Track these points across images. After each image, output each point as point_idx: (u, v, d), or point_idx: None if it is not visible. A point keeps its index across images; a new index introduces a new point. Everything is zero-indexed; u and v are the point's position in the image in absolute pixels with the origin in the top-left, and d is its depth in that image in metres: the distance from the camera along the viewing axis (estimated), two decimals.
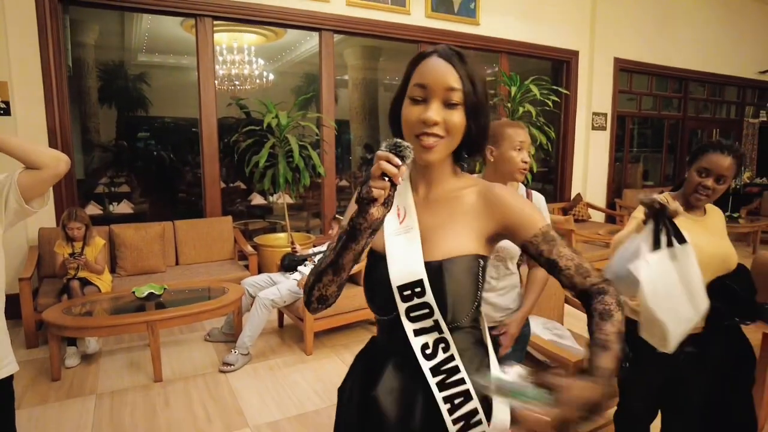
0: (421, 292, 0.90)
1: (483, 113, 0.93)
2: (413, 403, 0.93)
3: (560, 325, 2.48)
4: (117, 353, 3.41)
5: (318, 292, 0.93)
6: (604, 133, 7.13)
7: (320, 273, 0.92)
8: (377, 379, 0.95)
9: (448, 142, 0.91)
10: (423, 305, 0.91)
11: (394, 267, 0.92)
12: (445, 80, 0.89)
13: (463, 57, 0.92)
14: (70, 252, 3.48)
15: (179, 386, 2.95)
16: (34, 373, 3.08)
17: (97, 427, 2.51)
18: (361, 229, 0.84)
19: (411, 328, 0.92)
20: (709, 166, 1.67)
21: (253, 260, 4.30)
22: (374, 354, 1.04)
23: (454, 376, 0.92)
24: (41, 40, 3.95)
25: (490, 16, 5.90)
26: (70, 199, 4.21)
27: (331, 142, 5.24)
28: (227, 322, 3.57)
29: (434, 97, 0.89)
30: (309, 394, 2.85)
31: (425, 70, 0.91)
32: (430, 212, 0.96)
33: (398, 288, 0.91)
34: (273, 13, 4.77)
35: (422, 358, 0.92)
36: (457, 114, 0.89)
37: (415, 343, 0.92)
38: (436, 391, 0.91)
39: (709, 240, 1.72)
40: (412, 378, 0.93)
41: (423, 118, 0.88)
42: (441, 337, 0.92)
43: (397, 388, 0.94)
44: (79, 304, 3.23)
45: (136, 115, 10.10)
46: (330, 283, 0.92)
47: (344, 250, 0.87)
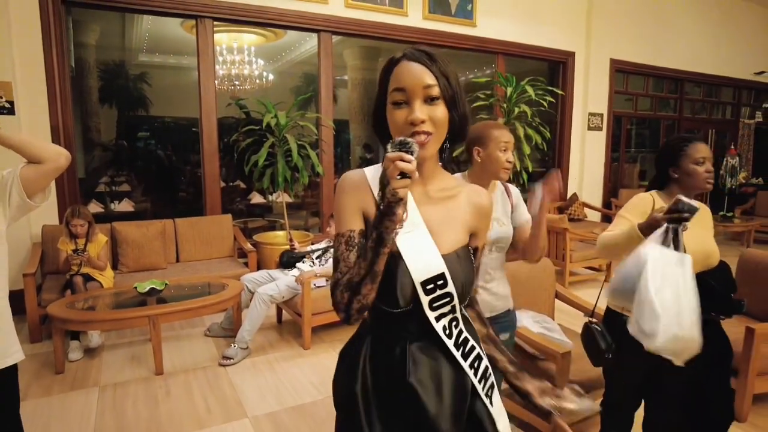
0: (444, 284, 0.98)
1: (460, 102, 1.00)
2: (441, 380, 1.02)
3: (550, 319, 2.55)
4: (119, 347, 3.49)
5: (358, 304, 0.95)
6: (600, 133, 7.21)
7: (357, 286, 0.94)
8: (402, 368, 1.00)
9: (437, 136, 0.97)
10: (445, 295, 0.99)
11: (414, 264, 0.97)
12: (421, 79, 0.94)
13: (431, 55, 0.97)
14: (74, 248, 3.56)
15: (180, 379, 3.02)
16: (38, 366, 3.16)
17: (100, 417, 2.59)
18: (389, 232, 0.90)
19: (432, 316, 1.00)
20: (704, 154, 1.78)
21: (252, 257, 4.38)
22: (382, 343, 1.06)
23: (467, 345, 1.05)
24: (45, 41, 4.02)
25: (486, 18, 5.98)
26: (73, 197, 4.29)
27: (329, 141, 5.32)
28: (227, 317, 3.65)
29: (415, 98, 0.95)
30: (307, 387, 2.92)
31: (400, 74, 0.96)
32: (433, 207, 1.03)
33: (421, 284, 0.97)
34: (273, 15, 4.84)
35: (446, 338, 1.02)
36: (439, 108, 0.96)
37: (438, 327, 1.01)
38: (462, 362, 1.03)
39: (698, 237, 1.78)
40: (433, 356, 1.03)
41: (410, 119, 0.94)
42: (454, 317, 1.04)
43: (427, 371, 1.01)
44: (83, 299, 3.31)
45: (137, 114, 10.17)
46: (370, 291, 0.95)
47: (377, 257, 0.91)
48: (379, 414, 1.02)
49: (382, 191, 0.88)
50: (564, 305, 2.93)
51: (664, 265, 1.48)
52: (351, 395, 1.05)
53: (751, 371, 2.46)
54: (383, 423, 1.01)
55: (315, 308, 3.44)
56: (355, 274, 0.94)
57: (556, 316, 2.86)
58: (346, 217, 1.02)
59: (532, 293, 2.71)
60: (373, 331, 1.08)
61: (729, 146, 8.96)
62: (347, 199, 1.03)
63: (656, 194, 1.87)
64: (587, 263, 5.06)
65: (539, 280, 2.77)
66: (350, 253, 0.99)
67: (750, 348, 2.44)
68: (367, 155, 9.57)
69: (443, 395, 1.00)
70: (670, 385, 1.88)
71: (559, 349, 2.18)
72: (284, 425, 2.53)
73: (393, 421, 1.01)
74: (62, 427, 2.49)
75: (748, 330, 2.45)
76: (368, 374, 1.05)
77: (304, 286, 3.34)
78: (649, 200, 1.82)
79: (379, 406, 1.03)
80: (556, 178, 1.63)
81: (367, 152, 9.63)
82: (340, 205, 1.03)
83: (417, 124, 0.94)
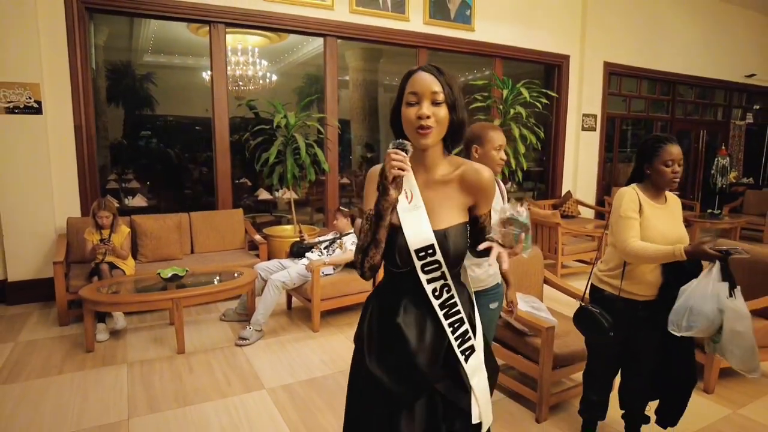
0: (433, 253, 1.25)
1: (460, 108, 1.26)
2: (425, 327, 1.28)
3: (538, 300, 2.82)
4: (141, 330, 3.76)
5: (368, 263, 1.26)
6: (594, 133, 7.48)
7: (365, 250, 1.26)
8: (396, 312, 1.29)
9: (438, 130, 1.23)
10: (434, 262, 1.26)
11: (411, 236, 1.25)
12: (430, 86, 1.22)
13: (440, 70, 1.25)
14: (99, 238, 3.83)
15: (200, 357, 3.30)
16: (70, 346, 3.43)
17: (131, 388, 2.86)
18: (385, 209, 1.21)
19: (424, 278, 1.27)
20: (672, 157, 2.04)
21: (263, 248, 4.65)
22: (387, 295, 1.36)
23: (453, 309, 1.30)
24: (69, 45, 4.30)
25: (484, 23, 6.26)
26: (94, 193, 4.55)
27: (334, 140, 5.59)
28: (241, 303, 3.93)
29: (424, 99, 1.22)
30: (317, 363, 3.20)
31: (415, 81, 1.24)
32: (432, 192, 1.28)
33: (415, 251, 1.25)
34: (282, 21, 5.11)
35: (433, 298, 1.28)
36: (442, 109, 1.22)
37: (428, 288, 1.27)
38: (443, 320, 1.28)
39: (670, 224, 2.07)
40: (422, 311, 1.29)
41: (419, 113, 1.21)
42: (445, 283, 1.28)
43: (413, 318, 1.28)
44: (107, 285, 3.58)
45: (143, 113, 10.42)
46: (375, 254, 1.26)
47: (378, 228, 1.23)
48: (376, 347, 1.33)
49: (380, 176, 1.19)
50: (553, 293, 3.21)
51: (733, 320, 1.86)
52: (360, 333, 1.38)
53: None
54: (378, 353, 1.32)
55: (324, 294, 3.72)
56: (364, 240, 1.26)
57: (544, 301, 3.13)
58: (369, 199, 1.30)
59: (520, 278, 2.99)
60: (383, 285, 1.38)
61: (720, 147, 9.25)
62: (371, 185, 1.31)
63: (637, 187, 2.11)
64: (578, 256, 5.34)
65: (527, 265, 3.04)
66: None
67: None
68: (368, 154, 9.80)
69: (425, 337, 1.27)
70: (643, 354, 2.15)
71: (544, 324, 2.45)
72: (298, 395, 2.80)
73: (385, 353, 1.31)
74: (99, 396, 2.76)
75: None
76: (374, 318, 1.36)
77: (314, 274, 3.61)
78: (635, 194, 2.08)
79: (378, 340, 1.33)
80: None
81: (368, 151, 9.86)
82: (367, 190, 1.34)
83: (423, 118, 1.21)
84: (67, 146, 4.40)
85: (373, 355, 1.32)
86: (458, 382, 1.29)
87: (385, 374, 1.28)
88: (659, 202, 2.10)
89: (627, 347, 2.17)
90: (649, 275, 2.06)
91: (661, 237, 2.01)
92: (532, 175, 8.39)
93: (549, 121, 7.15)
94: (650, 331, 2.09)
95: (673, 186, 2.09)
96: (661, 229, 2.04)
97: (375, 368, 1.29)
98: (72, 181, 4.46)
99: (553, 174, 7.42)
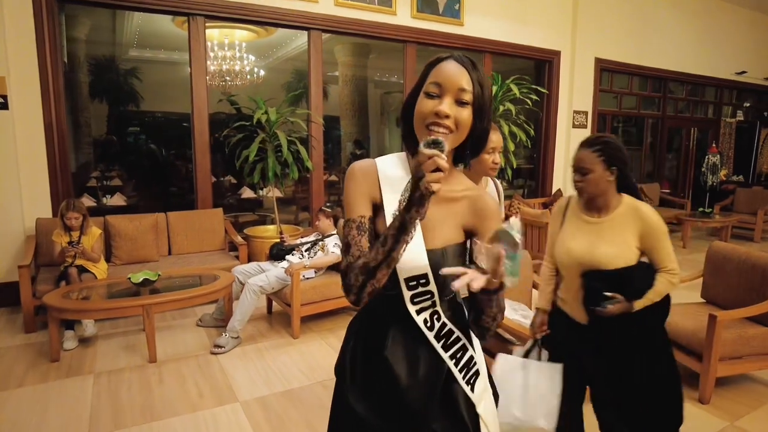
0: (426, 283, 1.05)
1: (486, 115, 1.05)
2: (417, 358, 1.09)
3: (527, 308, 2.69)
4: (112, 337, 3.58)
5: (371, 287, 0.99)
6: (585, 131, 7.37)
7: (373, 270, 0.97)
8: (382, 343, 1.09)
9: (455, 137, 1.01)
10: (425, 292, 1.06)
11: (402, 262, 1.00)
12: (458, 81, 1.00)
13: (475, 64, 1.03)
14: (68, 241, 3.64)
15: (172, 366, 3.13)
16: (34, 355, 3.24)
17: (96, 401, 2.69)
18: (412, 221, 0.92)
19: (413, 309, 1.07)
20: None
21: (243, 250, 4.48)
22: (372, 321, 1.16)
23: (451, 337, 1.11)
24: (38, 37, 4.08)
25: (474, 17, 6.11)
26: (66, 192, 4.35)
27: (319, 137, 5.43)
28: (218, 308, 3.76)
29: (447, 94, 1.00)
30: (295, 373, 3.04)
31: (442, 70, 1.01)
32: (434, 207, 1.02)
33: (405, 280, 1.04)
34: (263, 13, 4.93)
35: (426, 330, 1.08)
36: (466, 112, 1.00)
37: (418, 320, 1.08)
38: (443, 353, 1.10)
39: (586, 241, 1.75)
40: (413, 339, 1.10)
41: (436, 110, 0.98)
42: (435, 310, 1.10)
43: (402, 349, 1.09)
44: (77, 290, 3.40)
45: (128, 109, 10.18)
46: (384, 276, 0.99)
47: (397, 244, 0.95)
48: (359, 383, 1.14)
49: (415, 183, 0.89)
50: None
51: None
52: (341, 365, 1.19)
53: (713, 356, 2.62)
54: (362, 391, 1.12)
55: (304, 299, 3.56)
56: (372, 259, 0.97)
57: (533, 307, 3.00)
58: (358, 203, 1.07)
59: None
60: (367, 309, 1.16)
61: (711, 144, 9.19)
62: (358, 186, 1.08)
63: (573, 196, 1.88)
64: None
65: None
66: (362, 238, 1.04)
67: (712, 334, 2.59)
68: (357, 151, 9.65)
69: (418, 372, 1.08)
70: (597, 382, 1.86)
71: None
72: (273, 409, 2.64)
73: (370, 390, 1.12)
74: (60, 411, 2.59)
75: (711, 317, 2.61)
76: (357, 347, 1.16)
77: (294, 278, 3.46)
78: (563, 203, 1.91)
79: (361, 376, 1.14)
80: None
81: (357, 148, 9.71)
82: (352, 192, 1.09)
83: (441, 116, 0.98)
84: (37, 143, 4.20)
85: (357, 390, 1.13)
86: (459, 423, 1.10)
87: (372, 412, 1.10)
88: (593, 215, 1.78)
89: (580, 373, 1.86)
90: (566, 293, 1.85)
91: (566, 255, 1.78)
92: (522, 172, 8.29)
93: (539, 118, 7.03)
94: (595, 358, 1.80)
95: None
96: (569, 245, 1.78)
97: (358, 405, 1.11)
98: (42, 180, 4.26)
99: (543, 172, 7.31)
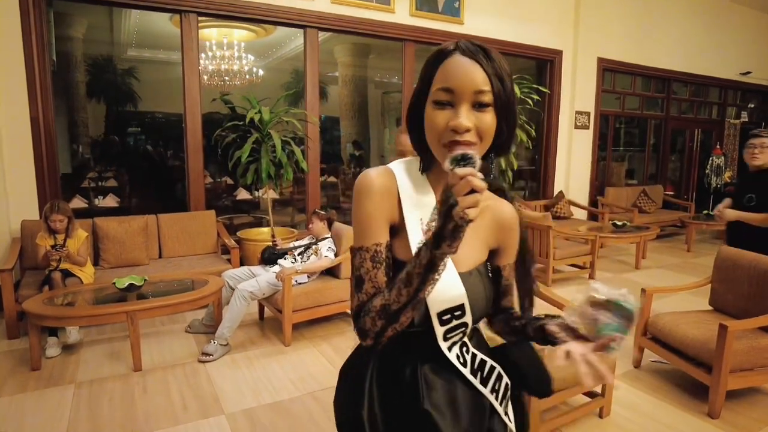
0: (461, 314, 0.89)
1: (513, 111, 0.86)
2: (457, 400, 0.94)
3: None
4: (98, 344, 3.46)
5: (392, 331, 0.85)
6: (587, 131, 7.24)
7: (395, 314, 0.82)
8: (413, 394, 0.92)
9: (480, 148, 0.84)
10: (461, 325, 0.90)
11: (433, 293, 0.84)
12: (473, 82, 0.81)
13: (488, 52, 0.83)
14: (53, 244, 3.52)
15: (158, 375, 3.00)
16: (14, 363, 3.12)
17: (74, 414, 2.56)
18: (442, 257, 0.77)
19: (445, 346, 0.91)
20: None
21: (234, 254, 4.36)
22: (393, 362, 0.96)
23: (485, 368, 0.96)
24: (24, 34, 3.97)
25: (474, 15, 5.98)
26: (54, 192, 4.23)
27: (315, 138, 5.30)
28: (208, 313, 3.63)
29: (462, 101, 0.81)
30: (285, 384, 2.91)
31: (450, 71, 0.82)
32: None
33: (438, 314, 0.88)
34: (258, 10, 4.81)
35: (460, 367, 0.93)
36: (488, 116, 0.82)
37: (452, 357, 0.92)
38: (482, 388, 0.95)
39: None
40: (448, 379, 0.93)
41: (453, 125, 0.80)
42: (463, 342, 0.95)
43: (440, 396, 0.92)
44: (61, 295, 3.27)
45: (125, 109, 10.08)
46: (408, 319, 0.84)
47: (425, 284, 0.79)
48: None
49: (447, 211, 0.73)
50: (542, 304, 2.94)
51: None
52: (357, 421, 0.95)
53: (724, 368, 2.49)
54: None
55: (296, 305, 3.43)
56: (393, 301, 0.82)
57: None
58: (376, 228, 0.87)
59: None
60: (381, 349, 0.93)
61: (715, 146, 9.05)
62: (376, 205, 0.88)
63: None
64: (571, 261, 5.08)
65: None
66: (378, 271, 0.86)
67: (723, 345, 2.46)
68: (357, 152, 9.55)
69: (460, 419, 0.93)
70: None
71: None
72: (260, 422, 2.51)
73: None
74: (36, 424, 2.46)
75: (721, 327, 2.47)
76: (375, 397, 0.95)
77: (285, 283, 3.33)
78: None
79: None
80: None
81: (356, 149, 9.61)
82: (367, 213, 0.88)
83: (461, 132, 0.80)
84: (24, 143, 4.08)
85: None
86: None
87: None
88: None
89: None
90: None
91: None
92: (523, 173, 8.15)
93: (541, 119, 6.89)
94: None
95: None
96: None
97: None
98: (29, 180, 4.14)
99: (545, 173, 7.17)
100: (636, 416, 2.60)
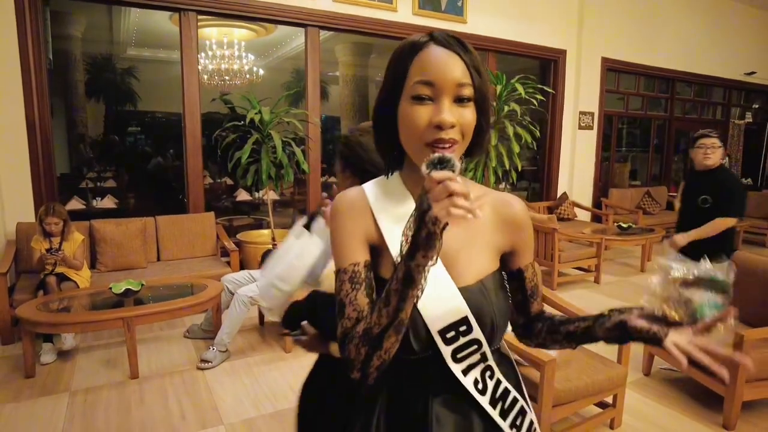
0: (468, 330, 0.81)
1: (488, 106, 0.81)
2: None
3: None
4: (94, 350, 3.38)
5: (379, 360, 0.76)
6: (591, 132, 7.16)
7: (377, 339, 0.74)
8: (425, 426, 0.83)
9: (461, 147, 0.79)
10: (470, 342, 0.81)
11: (429, 308, 0.79)
12: (453, 74, 0.75)
13: (464, 44, 0.79)
14: (48, 247, 3.44)
15: (155, 383, 2.92)
16: (8, 370, 3.05)
17: (68, 424, 2.48)
18: (420, 270, 0.69)
19: (459, 369, 0.82)
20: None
21: (234, 257, 4.27)
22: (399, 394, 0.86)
23: (507, 399, 0.87)
24: (20, 33, 3.88)
25: (477, 15, 5.90)
26: (50, 194, 4.15)
27: (316, 139, 5.22)
28: (207, 318, 3.55)
29: (443, 95, 0.76)
30: (285, 391, 2.83)
31: (428, 63, 0.76)
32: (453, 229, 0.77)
33: (439, 332, 0.80)
34: (259, 9, 4.73)
35: (478, 395, 0.83)
36: (469, 111, 0.77)
37: (467, 382, 0.83)
38: (501, 422, 0.86)
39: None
40: (462, 413, 0.84)
41: (437, 121, 0.74)
42: (487, 365, 0.85)
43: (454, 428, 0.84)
44: (57, 300, 3.19)
45: (125, 109, 10.01)
46: (394, 344, 0.76)
47: (404, 302, 0.71)
48: None
49: (419, 216, 0.66)
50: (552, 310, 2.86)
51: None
52: None
53: (740, 378, 2.41)
54: None
55: None
56: (374, 324, 0.74)
57: None
58: (349, 248, 0.81)
59: None
60: (387, 382, 0.85)
61: None
62: (348, 224, 0.83)
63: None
64: (576, 264, 4.99)
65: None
66: (357, 293, 0.79)
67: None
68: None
69: None
70: None
71: (544, 357, 2.11)
72: None
73: None
74: None
75: (736, 336, 2.39)
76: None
77: None
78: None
79: None
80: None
81: None
82: (339, 233, 0.83)
83: (445, 128, 0.75)
84: (19, 144, 3.99)
85: None
86: None
87: None
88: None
89: None
90: None
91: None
92: (527, 174, 8.08)
93: (544, 119, 6.81)
94: None
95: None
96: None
97: None
98: (24, 182, 4.05)
99: (549, 174, 7.09)
100: (648, 427, 2.52)
